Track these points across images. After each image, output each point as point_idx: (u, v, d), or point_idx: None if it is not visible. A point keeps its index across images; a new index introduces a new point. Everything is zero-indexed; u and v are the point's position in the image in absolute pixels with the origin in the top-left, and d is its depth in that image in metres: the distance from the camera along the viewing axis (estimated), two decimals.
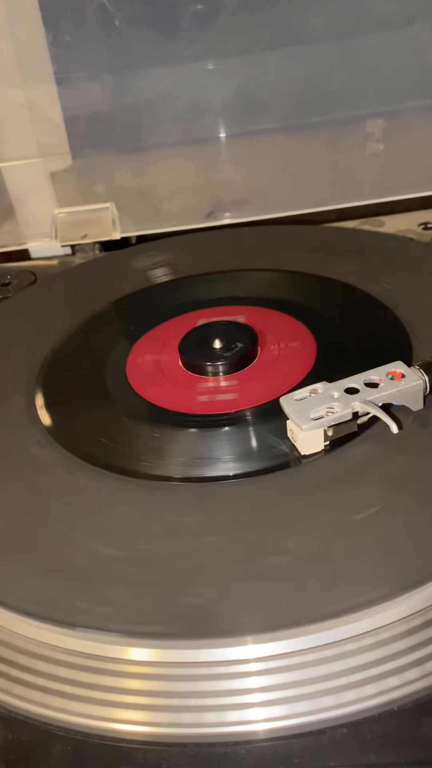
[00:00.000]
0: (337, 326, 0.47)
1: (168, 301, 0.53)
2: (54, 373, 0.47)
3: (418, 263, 0.53)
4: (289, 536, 0.34)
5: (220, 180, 0.67)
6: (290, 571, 0.32)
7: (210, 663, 0.30)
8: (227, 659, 0.30)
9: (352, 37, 0.61)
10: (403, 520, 0.33)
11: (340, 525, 0.34)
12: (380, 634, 0.29)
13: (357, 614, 0.29)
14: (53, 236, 0.66)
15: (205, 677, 0.30)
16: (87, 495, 0.38)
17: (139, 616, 0.31)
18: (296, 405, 0.38)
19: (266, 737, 0.29)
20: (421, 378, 0.38)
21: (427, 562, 0.31)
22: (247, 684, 0.30)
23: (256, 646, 0.30)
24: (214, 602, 0.31)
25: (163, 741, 0.29)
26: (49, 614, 0.32)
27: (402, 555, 0.32)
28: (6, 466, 0.40)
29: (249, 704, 0.29)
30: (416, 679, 0.29)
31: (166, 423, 0.42)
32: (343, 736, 0.29)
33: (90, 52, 0.63)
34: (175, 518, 0.36)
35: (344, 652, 0.29)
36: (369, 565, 0.32)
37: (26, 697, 0.31)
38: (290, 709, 0.29)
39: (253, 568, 0.32)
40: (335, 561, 0.32)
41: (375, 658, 0.29)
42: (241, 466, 0.38)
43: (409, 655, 0.29)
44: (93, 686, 0.31)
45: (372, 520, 0.34)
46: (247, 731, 0.29)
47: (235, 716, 0.29)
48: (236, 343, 0.45)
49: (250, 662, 0.30)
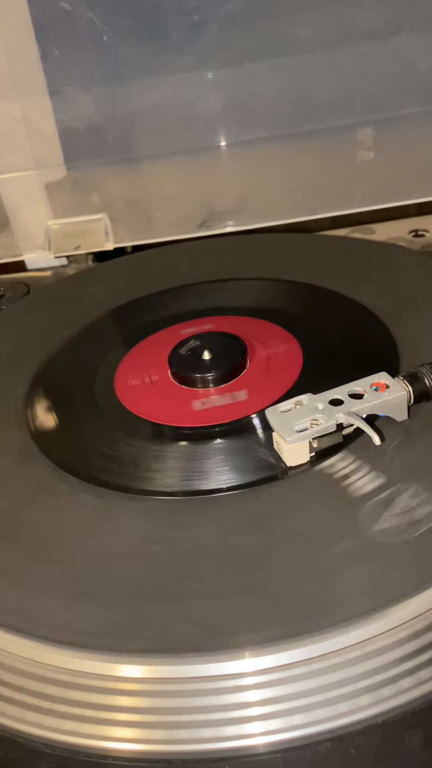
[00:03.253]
0: (324, 335, 0.47)
1: (157, 312, 0.53)
2: (45, 387, 0.47)
3: (408, 271, 0.53)
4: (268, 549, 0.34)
5: (212, 190, 0.67)
6: (273, 586, 0.32)
7: (194, 679, 0.30)
8: (210, 675, 0.30)
9: (341, 47, 0.61)
10: (392, 530, 0.33)
11: (327, 537, 0.34)
12: (363, 649, 0.29)
13: (337, 630, 0.29)
14: (47, 247, 0.67)
15: (190, 693, 0.30)
16: (76, 510, 0.38)
17: (129, 633, 0.31)
18: (281, 417, 0.38)
19: (250, 753, 0.29)
20: (405, 389, 0.38)
21: (408, 576, 0.31)
22: (230, 700, 0.29)
23: (240, 662, 0.29)
24: (198, 618, 0.31)
25: (148, 758, 0.29)
26: (36, 630, 0.32)
27: (381, 570, 0.32)
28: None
29: (233, 720, 0.29)
30: (399, 693, 0.29)
31: (152, 436, 0.42)
32: (328, 751, 0.29)
33: (82, 65, 0.63)
34: (164, 533, 0.36)
35: (326, 667, 0.29)
36: (352, 580, 0.32)
37: (11, 714, 0.31)
38: (274, 725, 0.29)
39: (239, 582, 0.32)
40: (313, 578, 0.32)
41: (358, 672, 0.29)
42: (230, 479, 0.38)
43: (392, 670, 0.29)
44: (80, 703, 0.31)
45: (360, 532, 0.34)
46: (231, 747, 0.29)
47: (219, 732, 0.29)
48: (225, 355, 0.45)
49: (233, 678, 0.30)
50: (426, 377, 0.39)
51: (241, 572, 0.33)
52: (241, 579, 0.33)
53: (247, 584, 0.32)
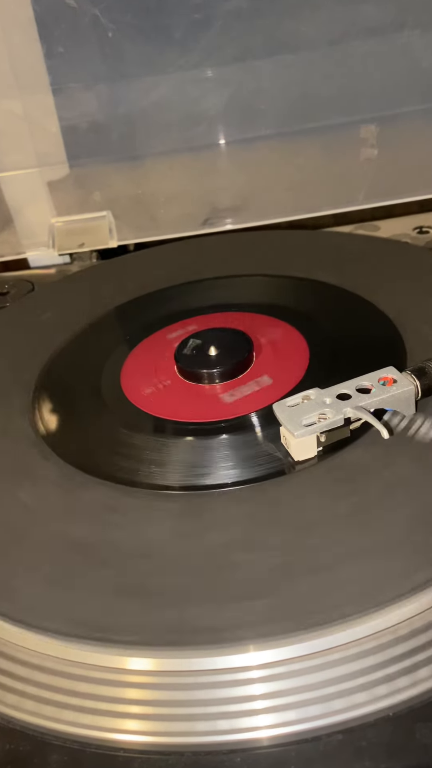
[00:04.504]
0: (331, 331, 0.47)
1: (163, 308, 0.53)
2: (51, 383, 0.47)
3: (412, 267, 0.53)
4: (278, 541, 0.34)
5: (215, 187, 0.68)
6: (283, 580, 0.32)
7: (205, 671, 0.30)
8: (222, 668, 0.30)
9: (344, 44, 0.61)
10: (397, 526, 0.33)
11: (332, 532, 0.34)
12: (373, 642, 0.29)
13: (351, 622, 0.29)
14: (50, 245, 0.67)
15: (201, 686, 0.30)
16: (84, 506, 0.38)
17: (137, 627, 0.31)
18: (289, 412, 0.38)
19: (262, 745, 0.29)
20: (413, 383, 0.38)
21: (419, 569, 0.31)
22: (242, 692, 0.30)
23: (251, 655, 0.30)
24: (209, 612, 0.31)
25: (160, 750, 0.29)
26: (48, 625, 0.32)
27: (392, 563, 0.32)
28: (2, 475, 0.41)
29: (244, 712, 0.29)
30: (411, 685, 0.29)
31: (160, 432, 0.42)
32: (339, 743, 0.29)
33: (85, 63, 0.63)
34: (171, 528, 0.36)
35: (338, 660, 0.29)
36: (361, 573, 0.32)
37: (23, 707, 0.31)
38: (285, 717, 0.29)
39: (241, 577, 0.33)
40: (324, 569, 0.32)
41: (369, 664, 0.29)
42: (236, 474, 0.38)
43: (401, 663, 0.29)
44: (91, 696, 0.31)
45: (365, 525, 0.34)
46: (242, 739, 0.29)
47: (230, 725, 0.29)
48: (232, 350, 0.45)
49: (244, 671, 0.30)
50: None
51: (254, 567, 0.33)
52: (248, 574, 0.33)
53: (254, 579, 0.32)
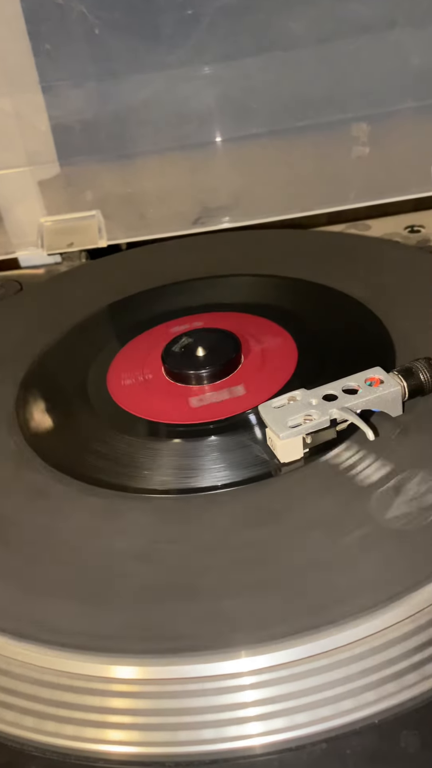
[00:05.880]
0: (320, 331, 0.47)
1: (151, 309, 0.53)
2: (37, 385, 0.47)
3: (403, 267, 0.52)
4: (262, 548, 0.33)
5: (206, 186, 0.67)
6: (267, 585, 0.32)
7: (187, 680, 0.29)
8: (203, 675, 0.29)
9: (334, 41, 0.61)
10: (386, 530, 0.33)
11: (320, 535, 0.33)
12: (358, 648, 0.29)
13: (333, 629, 0.29)
14: (40, 245, 0.66)
15: (183, 694, 0.29)
16: (71, 511, 0.37)
17: (120, 634, 0.31)
18: (274, 413, 0.37)
19: (245, 754, 0.28)
20: (399, 384, 0.37)
21: (408, 573, 0.31)
22: (224, 701, 0.29)
23: (233, 662, 0.29)
24: (191, 618, 0.31)
25: (140, 760, 0.29)
26: (28, 633, 0.31)
27: (381, 566, 0.31)
28: None
29: (226, 721, 0.29)
30: (396, 692, 0.29)
31: (146, 434, 0.41)
32: (322, 752, 0.28)
33: (74, 61, 0.63)
34: (159, 532, 0.35)
35: (322, 667, 0.29)
36: (348, 578, 0.31)
37: (0, 717, 0.31)
38: (268, 726, 0.29)
39: (223, 583, 0.32)
40: (311, 573, 0.32)
41: (354, 671, 0.29)
42: (225, 476, 0.38)
43: (388, 669, 0.29)
44: (72, 706, 0.30)
45: (354, 529, 0.33)
46: (224, 749, 0.29)
47: (212, 734, 0.29)
48: (218, 353, 0.45)
49: (225, 678, 0.29)
50: (421, 372, 0.38)
51: (236, 571, 0.32)
52: (236, 578, 0.32)
53: (241, 584, 0.32)
